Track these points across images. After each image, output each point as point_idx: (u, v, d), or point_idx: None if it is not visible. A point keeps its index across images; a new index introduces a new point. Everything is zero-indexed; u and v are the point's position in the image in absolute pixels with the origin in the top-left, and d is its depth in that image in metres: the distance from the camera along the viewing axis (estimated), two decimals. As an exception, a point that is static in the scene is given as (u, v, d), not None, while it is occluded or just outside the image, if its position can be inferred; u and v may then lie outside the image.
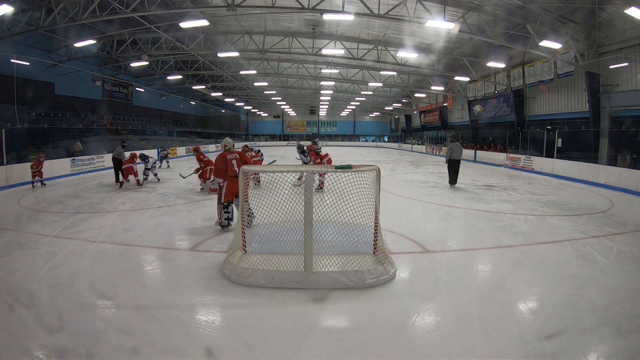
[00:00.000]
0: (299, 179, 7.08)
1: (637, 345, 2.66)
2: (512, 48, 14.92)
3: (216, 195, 5.61)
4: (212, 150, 29.01)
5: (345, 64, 22.59)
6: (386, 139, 43.83)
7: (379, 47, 18.10)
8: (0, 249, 4.51)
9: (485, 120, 22.63)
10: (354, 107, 39.86)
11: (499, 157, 17.91)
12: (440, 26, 11.73)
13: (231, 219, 5.30)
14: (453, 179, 10.30)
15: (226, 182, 5.20)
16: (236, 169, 5.15)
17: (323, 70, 23.22)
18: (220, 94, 32.47)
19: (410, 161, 20.43)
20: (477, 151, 20.64)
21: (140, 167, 10.47)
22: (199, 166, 9.24)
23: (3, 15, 11.82)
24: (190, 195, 8.63)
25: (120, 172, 10.24)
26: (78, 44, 15.47)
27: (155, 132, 28.00)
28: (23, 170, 10.21)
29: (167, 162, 16.65)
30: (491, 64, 17.10)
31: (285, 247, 3.82)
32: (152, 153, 17.33)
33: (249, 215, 4.38)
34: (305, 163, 9.97)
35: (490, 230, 5.59)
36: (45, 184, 10.06)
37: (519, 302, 3.23)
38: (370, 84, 24.85)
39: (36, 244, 4.73)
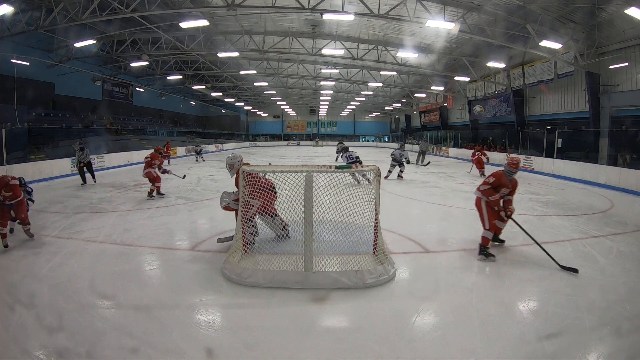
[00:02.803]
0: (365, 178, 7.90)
1: (637, 345, 2.66)
2: (512, 48, 14.92)
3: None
4: (212, 151, 29.06)
5: (345, 64, 22.58)
6: (386, 139, 43.82)
7: (379, 47, 18.10)
8: (0, 249, 4.50)
9: (485, 120, 22.62)
10: (354, 107, 39.83)
11: (499, 157, 17.92)
12: (440, 26, 11.73)
13: (256, 234, 4.44)
14: (419, 159, 16.37)
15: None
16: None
17: (323, 70, 23.20)
18: (220, 94, 32.47)
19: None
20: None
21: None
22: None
23: (3, 15, 11.81)
24: (191, 195, 8.63)
25: (85, 173, 10.07)
26: (78, 44, 15.47)
27: (155, 132, 28.00)
28: (23, 170, 10.19)
29: (202, 157, 19.94)
30: (491, 64, 17.10)
31: (285, 247, 3.82)
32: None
33: (283, 228, 4.18)
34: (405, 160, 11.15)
35: (490, 230, 5.58)
36: None
37: (519, 302, 3.24)
38: (370, 84, 24.84)
39: (36, 244, 4.72)
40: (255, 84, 27.03)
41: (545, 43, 12.73)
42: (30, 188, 5.56)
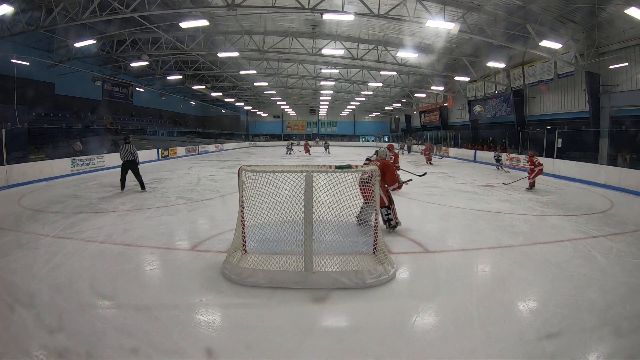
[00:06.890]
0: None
1: (637, 345, 2.66)
2: (512, 48, 14.92)
3: None
4: (211, 151, 29.04)
5: (345, 64, 22.58)
6: (386, 139, 43.82)
7: (379, 47, 18.10)
8: (0, 249, 4.50)
9: (485, 120, 22.63)
10: (354, 107, 39.83)
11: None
12: (440, 26, 11.73)
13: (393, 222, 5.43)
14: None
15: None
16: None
17: (323, 70, 23.21)
18: (220, 94, 32.46)
19: (410, 161, 20.41)
20: (477, 151, 20.63)
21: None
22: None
23: (3, 15, 11.82)
24: (191, 195, 8.63)
25: (136, 176, 8.74)
26: (78, 44, 15.46)
27: (155, 132, 28.00)
28: (23, 170, 10.21)
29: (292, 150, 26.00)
30: (491, 64, 17.10)
31: (285, 247, 3.82)
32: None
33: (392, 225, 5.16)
34: None
35: (490, 230, 5.58)
36: None
37: (519, 302, 3.23)
38: (370, 84, 24.84)
39: (36, 244, 4.72)
40: (255, 84, 27.02)
41: (545, 43, 12.72)
42: None
